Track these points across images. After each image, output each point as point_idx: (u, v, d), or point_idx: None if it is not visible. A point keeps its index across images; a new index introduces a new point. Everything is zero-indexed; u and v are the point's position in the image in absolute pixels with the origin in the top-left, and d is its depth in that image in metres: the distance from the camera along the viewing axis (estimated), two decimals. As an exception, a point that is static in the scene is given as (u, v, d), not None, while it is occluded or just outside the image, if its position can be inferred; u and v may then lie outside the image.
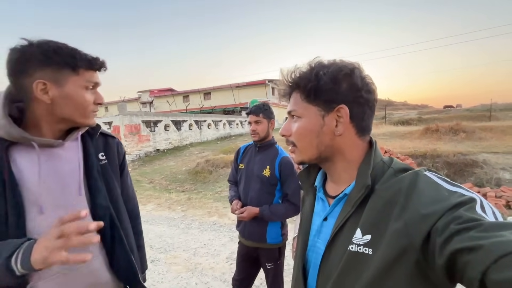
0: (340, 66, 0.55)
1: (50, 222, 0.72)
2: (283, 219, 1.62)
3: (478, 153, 6.10)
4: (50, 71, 0.70)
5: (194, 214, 4.69)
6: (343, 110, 0.54)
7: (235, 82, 26.18)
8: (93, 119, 0.81)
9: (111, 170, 0.90)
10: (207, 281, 2.57)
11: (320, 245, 0.59)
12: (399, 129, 12.61)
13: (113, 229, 0.85)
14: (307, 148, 0.59)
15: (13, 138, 0.70)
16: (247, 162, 1.71)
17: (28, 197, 0.70)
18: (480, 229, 0.36)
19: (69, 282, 0.75)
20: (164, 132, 12.64)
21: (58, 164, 0.77)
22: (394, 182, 0.50)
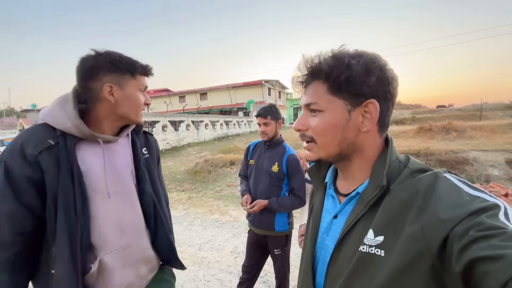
0: (372, 57, 0.51)
1: (112, 205, 0.87)
2: (289, 211, 1.78)
3: (468, 151, 6.34)
4: (116, 76, 0.85)
5: (196, 212, 4.80)
6: (372, 106, 0.51)
7: (232, 83, 26.30)
8: (142, 117, 0.95)
9: (151, 162, 1.04)
10: (214, 273, 2.70)
11: (329, 243, 0.58)
12: (393, 128, 12.90)
13: (156, 213, 0.99)
14: (329, 144, 0.55)
15: (84, 136, 0.82)
16: (257, 158, 1.86)
17: (92, 186, 0.83)
18: (502, 238, 0.35)
19: (127, 256, 0.89)
20: (162, 132, 12.69)
21: (115, 157, 0.91)
22: (411, 183, 0.47)
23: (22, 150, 0.76)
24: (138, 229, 0.94)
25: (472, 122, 12.47)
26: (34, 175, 0.76)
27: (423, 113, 29.66)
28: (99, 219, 0.83)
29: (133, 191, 0.93)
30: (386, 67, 0.52)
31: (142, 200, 0.96)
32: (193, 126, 15.00)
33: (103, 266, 0.83)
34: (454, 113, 23.06)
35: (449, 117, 16.52)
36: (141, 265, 0.94)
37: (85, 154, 0.84)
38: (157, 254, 1.01)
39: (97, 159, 0.85)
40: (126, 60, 0.86)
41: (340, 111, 0.52)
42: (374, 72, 0.50)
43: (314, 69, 0.53)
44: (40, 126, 0.82)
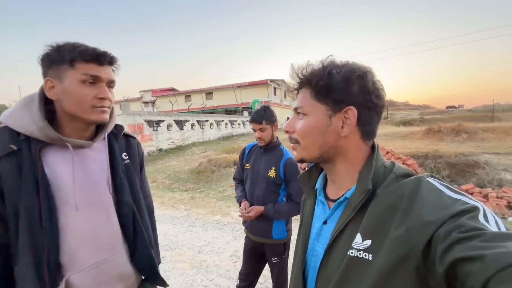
0: (353, 68, 0.55)
1: (84, 217, 0.77)
2: (287, 218, 1.68)
3: (480, 154, 6.11)
4: (55, 68, 0.74)
5: (198, 213, 4.75)
6: (351, 112, 0.54)
7: (237, 82, 26.25)
8: (101, 115, 0.79)
9: (132, 169, 0.95)
10: (212, 278, 2.63)
11: (319, 249, 0.59)
12: (401, 129, 12.62)
13: (135, 225, 0.90)
14: (310, 146, 0.58)
15: (50, 140, 0.74)
16: (253, 162, 1.76)
17: (60, 195, 0.74)
18: (482, 239, 0.36)
19: (99, 275, 0.80)
20: (167, 131, 12.72)
21: (88, 164, 0.81)
22: (396, 187, 0.49)
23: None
24: (114, 244, 0.84)
25: (483, 124, 12.10)
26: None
27: (432, 114, 29.06)
28: (68, 233, 0.75)
29: (109, 201, 0.84)
30: (368, 77, 0.54)
31: (119, 211, 0.86)
32: (198, 126, 15.00)
33: (71, 287, 0.75)
34: (464, 114, 22.52)
35: (459, 118, 16.12)
36: (117, 283, 0.85)
37: (54, 161, 0.76)
38: (137, 270, 0.92)
39: (66, 166, 0.76)
40: (66, 48, 0.73)
41: (321, 115, 0.56)
42: (354, 81, 0.54)
43: (302, 78, 0.58)
44: (1, 130, 0.74)
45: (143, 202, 0.98)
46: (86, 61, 0.74)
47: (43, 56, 0.74)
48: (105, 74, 0.78)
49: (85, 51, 0.73)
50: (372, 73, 0.55)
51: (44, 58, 0.74)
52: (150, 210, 1.07)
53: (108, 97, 0.79)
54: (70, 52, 0.73)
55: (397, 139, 9.58)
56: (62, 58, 0.73)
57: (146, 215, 0.99)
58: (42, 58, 0.74)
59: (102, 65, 0.77)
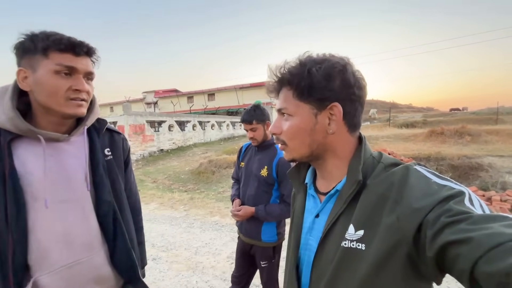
0: (333, 63, 0.53)
1: (57, 215, 0.74)
2: (278, 220, 1.62)
3: (483, 156, 6.02)
4: (28, 58, 0.71)
5: (196, 213, 4.71)
6: (336, 108, 0.53)
7: (239, 84, 26.30)
8: (77, 108, 0.75)
9: (116, 165, 0.90)
10: (207, 279, 2.59)
11: (313, 243, 0.59)
12: (404, 131, 12.51)
13: (116, 224, 0.86)
14: (299, 146, 0.58)
15: (20, 131, 0.71)
16: (247, 161, 1.74)
17: (30, 191, 0.71)
18: (469, 222, 0.37)
19: (73, 276, 0.76)
20: (168, 132, 12.73)
21: (63, 159, 0.78)
22: (385, 177, 0.50)
23: None
24: (91, 244, 0.80)
25: (487, 126, 11.94)
26: None
27: (435, 116, 28.85)
28: (37, 231, 0.71)
29: (86, 199, 0.80)
30: (348, 70, 0.53)
31: (98, 210, 0.82)
32: (200, 127, 15.01)
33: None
34: (468, 116, 22.30)
35: (462, 120, 15.96)
36: (93, 286, 0.81)
37: (25, 154, 0.72)
38: (117, 273, 0.87)
39: (38, 160, 0.73)
40: (40, 36, 0.69)
41: (306, 115, 0.55)
42: (335, 77, 0.53)
43: (280, 78, 0.57)
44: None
45: (126, 201, 0.94)
46: (60, 51, 0.70)
47: (17, 45, 0.71)
48: (82, 65, 0.74)
49: (60, 40, 0.70)
50: (351, 64, 0.55)
51: (17, 47, 0.71)
52: (136, 209, 1.04)
53: (84, 89, 0.75)
54: (44, 41, 0.69)
55: (399, 141, 9.49)
56: (35, 47, 0.69)
57: (129, 215, 0.94)
58: (15, 47, 0.71)
59: (78, 55, 0.73)
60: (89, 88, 0.77)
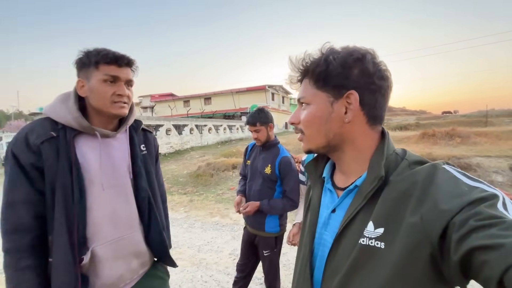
0: (350, 51, 0.53)
1: (107, 198, 0.91)
2: (281, 213, 1.79)
3: (472, 157, 6.28)
4: (84, 70, 0.88)
5: (197, 214, 4.83)
6: (352, 96, 0.52)
7: (236, 88, 26.51)
8: (120, 109, 0.91)
9: (149, 159, 1.07)
10: (211, 274, 2.72)
11: (328, 238, 0.57)
12: (397, 134, 12.84)
13: (150, 209, 1.01)
14: (315, 135, 0.57)
15: (82, 128, 0.87)
16: (252, 159, 1.91)
17: (89, 177, 0.87)
18: (501, 227, 0.35)
19: (118, 249, 0.92)
20: (166, 136, 12.81)
21: (112, 152, 0.94)
22: (409, 174, 0.48)
23: (26, 139, 0.81)
24: (131, 223, 0.96)
25: (477, 128, 12.34)
26: (38, 163, 0.81)
27: (428, 119, 29.40)
28: (94, 210, 0.87)
29: (128, 185, 0.96)
30: (367, 58, 0.52)
31: (137, 195, 0.98)
32: (197, 130, 15.12)
33: (95, 256, 0.86)
34: (459, 119, 22.84)
35: (453, 123, 16.39)
36: (132, 259, 0.95)
37: (84, 147, 0.88)
38: (150, 250, 1.02)
39: (94, 152, 0.89)
40: (93, 53, 0.87)
41: (323, 103, 0.55)
42: (352, 65, 0.52)
43: (301, 68, 0.57)
44: (43, 120, 0.87)
45: (157, 189, 1.09)
46: (107, 64, 0.87)
47: (76, 60, 0.89)
48: (123, 74, 0.90)
49: (106, 55, 0.87)
50: (372, 54, 0.53)
51: (77, 62, 0.89)
52: (163, 198, 1.19)
53: (125, 93, 0.91)
54: (95, 56, 0.86)
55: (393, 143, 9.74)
56: (89, 61, 0.87)
57: (160, 202, 1.10)
58: (76, 62, 0.89)
59: (121, 66, 0.89)
60: (129, 93, 0.94)
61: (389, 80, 0.54)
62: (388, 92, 0.55)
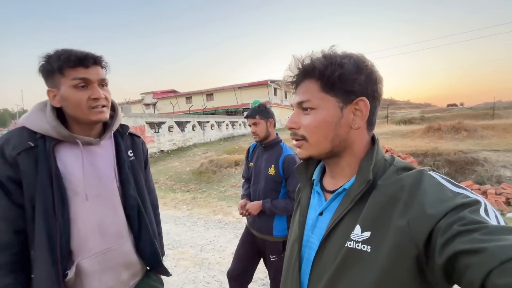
0: (361, 57, 0.53)
1: (93, 208, 0.85)
2: (283, 213, 1.70)
3: (479, 151, 6.15)
4: (51, 79, 0.81)
5: (200, 212, 4.82)
6: (362, 103, 0.52)
7: (238, 83, 26.36)
8: (100, 114, 0.83)
9: (137, 165, 1.02)
10: (214, 274, 2.69)
11: (314, 240, 0.58)
12: (401, 128, 12.66)
13: (140, 217, 0.97)
14: (321, 141, 0.55)
15: (62, 137, 0.82)
16: (255, 160, 1.82)
17: (71, 188, 0.82)
18: (484, 232, 0.36)
19: (106, 261, 0.87)
20: (168, 133, 12.81)
21: (95, 159, 0.89)
22: (397, 179, 0.49)
23: (1, 151, 0.76)
24: (120, 233, 0.91)
25: (483, 121, 12.12)
26: (15, 175, 0.76)
27: (433, 112, 29.04)
28: (78, 222, 0.82)
29: (115, 194, 0.91)
30: (374, 67, 0.54)
31: (125, 204, 0.93)
32: (199, 127, 15.09)
33: (81, 270, 0.82)
34: (465, 112, 22.48)
35: (459, 116, 16.13)
36: (122, 270, 0.91)
37: (66, 156, 0.83)
38: (141, 259, 0.98)
39: (76, 161, 0.84)
40: (54, 57, 0.78)
41: (332, 108, 0.54)
42: (364, 71, 0.52)
43: (306, 68, 0.55)
44: (20, 129, 0.82)
45: (147, 196, 1.04)
46: (72, 67, 0.78)
47: (40, 68, 0.81)
48: (93, 75, 0.82)
49: (68, 57, 0.78)
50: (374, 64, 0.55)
51: (41, 70, 0.81)
52: (154, 205, 1.14)
53: (100, 96, 0.83)
54: (57, 61, 0.78)
55: (397, 138, 9.62)
56: (52, 68, 0.79)
57: (150, 209, 1.05)
58: (39, 70, 0.82)
59: (88, 67, 0.80)
60: (105, 93, 0.86)
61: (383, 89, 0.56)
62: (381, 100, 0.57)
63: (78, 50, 0.80)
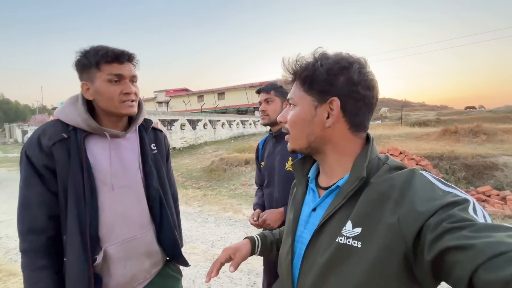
0: (338, 59, 0.55)
1: (119, 198, 0.89)
2: None
3: (498, 156, 5.91)
4: (87, 72, 0.85)
5: (210, 209, 4.88)
6: (334, 103, 0.54)
7: (249, 82, 26.44)
8: (129, 108, 0.89)
9: (160, 158, 1.05)
10: (224, 270, 2.73)
11: (306, 235, 0.59)
12: (416, 130, 12.33)
13: (161, 208, 1.00)
14: (298, 136, 0.60)
15: (92, 129, 0.86)
16: (267, 157, 1.46)
17: (99, 177, 0.86)
18: (472, 229, 0.37)
19: (130, 249, 0.91)
20: (180, 131, 13.02)
21: (122, 152, 0.93)
22: (389, 177, 0.50)
23: (39, 141, 0.81)
24: (143, 223, 0.95)
25: (504, 125, 11.62)
26: (50, 164, 0.81)
27: (449, 114, 28.07)
28: (105, 210, 0.86)
29: (139, 185, 0.95)
30: (353, 68, 0.54)
31: (148, 195, 0.97)
32: (210, 125, 15.25)
33: (108, 256, 0.86)
34: (484, 114, 21.63)
35: (478, 119, 15.51)
36: (145, 258, 0.95)
37: (95, 148, 0.88)
38: (162, 249, 1.02)
39: (104, 153, 0.88)
40: (91, 52, 0.83)
41: (307, 106, 0.58)
42: (337, 73, 0.54)
43: (293, 71, 0.60)
44: (54, 122, 0.87)
45: (168, 188, 1.08)
46: (108, 62, 0.84)
47: (76, 63, 0.86)
48: (127, 71, 0.87)
49: (106, 53, 0.83)
50: (361, 64, 0.55)
51: (76, 64, 0.86)
52: (174, 197, 1.17)
53: (131, 91, 0.88)
54: (95, 56, 0.83)
55: (411, 140, 9.39)
56: (89, 62, 0.84)
57: (171, 201, 1.09)
58: (75, 64, 0.87)
59: (122, 63, 0.86)
60: (135, 89, 0.91)
61: (375, 90, 0.56)
62: (373, 102, 0.57)
63: (114, 47, 0.86)
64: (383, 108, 39.83)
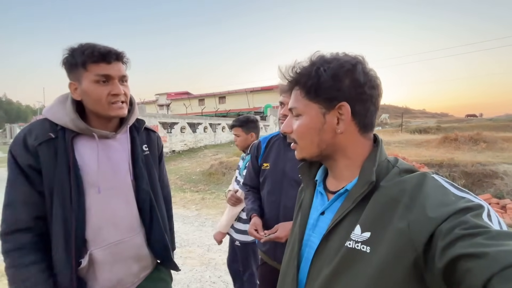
0: (341, 62, 0.53)
1: (106, 200, 0.87)
2: None
3: (498, 164, 5.89)
4: (74, 72, 0.82)
5: (208, 213, 4.85)
6: (344, 108, 0.53)
7: (250, 87, 26.55)
8: (119, 110, 0.85)
9: (152, 160, 1.03)
10: (220, 275, 2.70)
11: (315, 239, 0.58)
12: (416, 137, 12.33)
13: (152, 211, 0.98)
14: (308, 146, 0.58)
15: (80, 130, 0.84)
16: (274, 160, 1.29)
17: (87, 179, 0.84)
18: (486, 237, 0.35)
19: (118, 253, 0.89)
20: (180, 134, 13.02)
21: (111, 153, 0.91)
22: (399, 181, 0.48)
23: (24, 141, 0.80)
24: (132, 226, 0.92)
25: (504, 133, 11.62)
26: (36, 164, 0.79)
27: (450, 122, 28.11)
28: (92, 212, 0.84)
29: (128, 187, 0.93)
30: (358, 69, 0.53)
31: (138, 197, 0.94)
32: (211, 129, 15.26)
33: (93, 260, 0.84)
34: (484, 123, 21.66)
35: (478, 127, 15.52)
36: (133, 262, 0.92)
37: (83, 148, 0.86)
38: (152, 253, 0.99)
39: (92, 154, 0.86)
40: (78, 51, 0.80)
41: (315, 114, 0.56)
42: (343, 77, 0.53)
43: (291, 78, 0.58)
44: (42, 121, 0.85)
45: (160, 191, 1.06)
46: (95, 62, 0.80)
47: (63, 61, 0.84)
48: (115, 71, 0.83)
49: (92, 53, 0.79)
50: (362, 63, 0.54)
51: (64, 63, 0.84)
52: (167, 200, 1.15)
53: (120, 92, 0.85)
54: (81, 56, 0.79)
55: (411, 147, 9.37)
56: (76, 62, 0.80)
57: (163, 204, 1.06)
58: (63, 63, 0.84)
59: (110, 63, 0.82)
60: (125, 89, 0.87)
61: (380, 87, 0.55)
62: (379, 100, 0.56)
63: (102, 46, 0.81)
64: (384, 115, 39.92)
